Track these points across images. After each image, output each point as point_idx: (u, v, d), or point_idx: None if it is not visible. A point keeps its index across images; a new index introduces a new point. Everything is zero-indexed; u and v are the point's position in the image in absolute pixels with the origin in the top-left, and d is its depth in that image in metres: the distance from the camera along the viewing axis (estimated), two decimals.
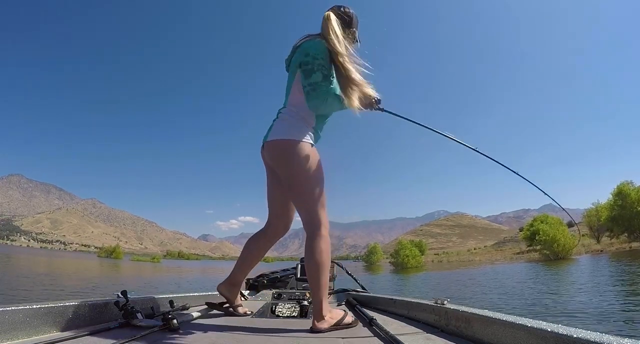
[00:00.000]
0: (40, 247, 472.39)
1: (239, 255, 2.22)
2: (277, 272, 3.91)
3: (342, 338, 1.61)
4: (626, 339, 0.85)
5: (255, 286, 3.65)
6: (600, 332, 0.92)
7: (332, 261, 3.26)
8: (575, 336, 0.92)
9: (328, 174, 1.98)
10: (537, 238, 43.93)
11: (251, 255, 2.19)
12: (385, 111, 2.12)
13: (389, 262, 55.74)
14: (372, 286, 17.99)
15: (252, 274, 3.98)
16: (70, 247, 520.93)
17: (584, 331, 0.94)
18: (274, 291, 3.28)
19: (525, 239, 61.57)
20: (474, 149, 2.33)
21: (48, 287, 12.90)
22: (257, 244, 2.20)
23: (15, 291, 11.64)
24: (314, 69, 1.84)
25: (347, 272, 3.93)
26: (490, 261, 52.04)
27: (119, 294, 1.79)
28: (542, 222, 56.35)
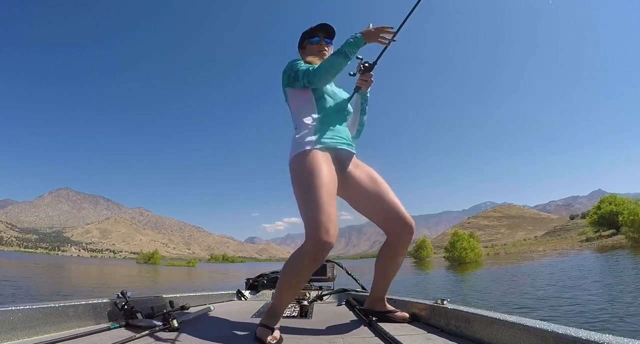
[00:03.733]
0: (91, 256, 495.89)
1: (285, 257, 1.40)
2: (277, 272, 3.95)
3: (342, 338, 1.60)
4: (626, 339, 0.84)
5: (255, 286, 3.73)
6: (600, 332, 0.90)
7: (331, 261, 3.53)
8: (574, 335, 0.91)
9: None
10: (620, 220, 37.82)
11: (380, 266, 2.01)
12: (367, 62, 1.96)
13: (443, 257, 50.43)
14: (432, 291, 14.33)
15: (252, 274, 4.02)
16: (120, 255, 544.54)
17: (583, 330, 0.93)
18: (274, 291, 3.08)
19: (592, 224, 55.44)
20: None
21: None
22: (382, 254, 1.98)
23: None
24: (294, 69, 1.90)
25: (347, 272, 3.76)
26: (558, 250, 45.69)
27: (119, 294, 1.81)
28: (610, 203, 50.53)
